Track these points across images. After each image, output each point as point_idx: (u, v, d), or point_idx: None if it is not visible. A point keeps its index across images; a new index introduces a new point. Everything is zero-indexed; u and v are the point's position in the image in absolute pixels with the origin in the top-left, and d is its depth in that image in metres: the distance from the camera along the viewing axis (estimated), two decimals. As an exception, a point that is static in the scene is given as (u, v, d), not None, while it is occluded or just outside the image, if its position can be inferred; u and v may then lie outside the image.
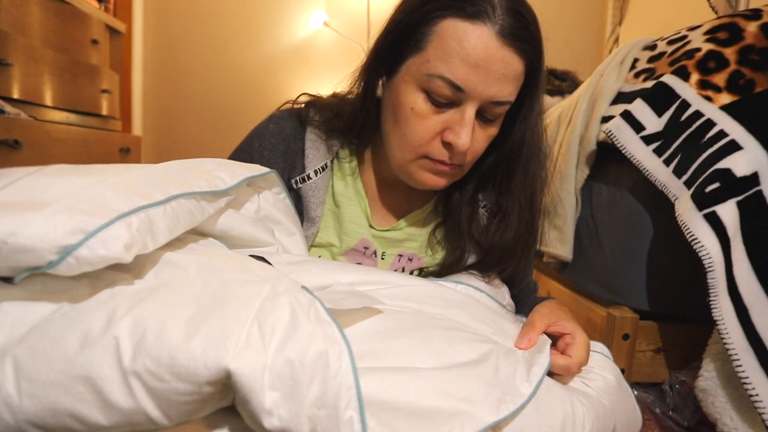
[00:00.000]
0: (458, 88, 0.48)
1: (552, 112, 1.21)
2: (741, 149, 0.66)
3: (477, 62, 0.47)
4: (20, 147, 1.21)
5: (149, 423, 0.28)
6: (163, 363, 0.27)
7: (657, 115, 0.79)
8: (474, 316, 0.49)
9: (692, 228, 0.65)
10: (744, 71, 0.72)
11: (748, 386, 0.57)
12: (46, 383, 0.26)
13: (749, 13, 0.77)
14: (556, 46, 2.19)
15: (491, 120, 0.52)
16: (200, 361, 0.27)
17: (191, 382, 0.27)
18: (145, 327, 0.28)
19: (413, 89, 0.50)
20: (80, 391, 0.26)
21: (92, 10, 1.70)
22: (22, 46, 1.30)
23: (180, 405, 0.28)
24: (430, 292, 0.50)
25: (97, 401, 0.27)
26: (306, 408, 0.28)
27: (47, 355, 0.27)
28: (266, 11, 2.51)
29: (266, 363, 0.28)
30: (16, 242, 0.26)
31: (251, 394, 0.28)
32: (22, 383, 0.26)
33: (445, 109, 0.50)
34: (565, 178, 0.97)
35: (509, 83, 0.49)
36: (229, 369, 0.27)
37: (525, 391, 0.40)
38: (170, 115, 2.57)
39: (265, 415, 0.28)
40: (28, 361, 0.26)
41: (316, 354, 0.30)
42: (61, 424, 0.26)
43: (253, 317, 0.30)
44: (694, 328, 0.82)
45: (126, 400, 0.27)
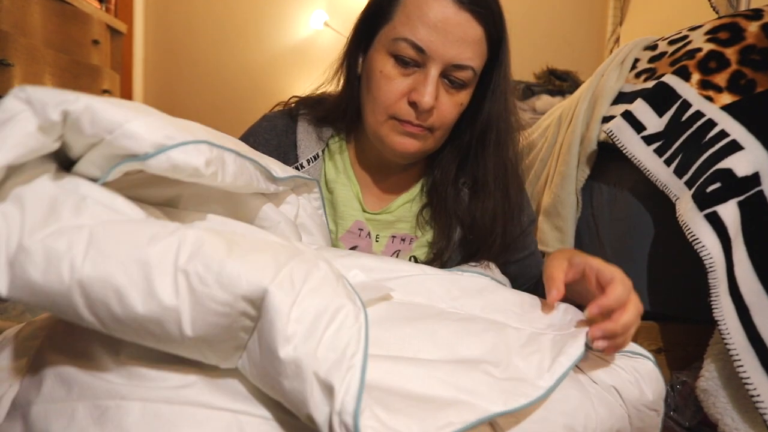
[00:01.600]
0: (420, 49, 0.53)
1: (553, 112, 1.21)
2: (742, 149, 0.66)
3: (436, 24, 0.52)
4: (21, 147, 1.21)
5: (175, 327, 0.30)
6: (211, 270, 0.30)
7: (658, 115, 0.79)
8: (491, 304, 0.47)
9: (693, 228, 0.65)
10: (745, 71, 0.72)
11: (750, 386, 0.57)
12: (109, 256, 0.29)
13: (750, 13, 0.77)
14: (556, 46, 2.21)
15: (458, 85, 0.56)
16: (243, 276, 0.30)
17: (230, 293, 0.30)
18: (204, 241, 0.32)
19: (383, 55, 0.56)
20: (133, 272, 0.29)
21: (93, 10, 1.70)
22: (24, 46, 1.30)
23: (210, 315, 0.30)
24: (442, 282, 0.48)
25: (143, 287, 0.29)
26: (319, 347, 0.31)
27: (118, 237, 0.30)
28: (267, 11, 2.51)
29: (297, 297, 0.32)
30: (125, 129, 0.31)
31: (277, 318, 0.30)
32: (90, 250, 0.29)
33: (410, 72, 0.55)
34: (566, 179, 0.97)
35: (468, 47, 0.53)
36: (267, 289, 0.31)
37: (543, 384, 0.37)
38: (171, 115, 2.57)
39: (284, 341, 0.30)
40: (101, 236, 0.29)
41: (339, 305, 0.33)
42: (103, 296, 0.29)
43: (293, 263, 0.34)
44: (695, 329, 0.82)
45: (167, 294, 0.29)
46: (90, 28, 1.69)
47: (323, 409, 0.29)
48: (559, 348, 0.41)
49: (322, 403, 0.29)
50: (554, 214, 1.00)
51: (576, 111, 0.99)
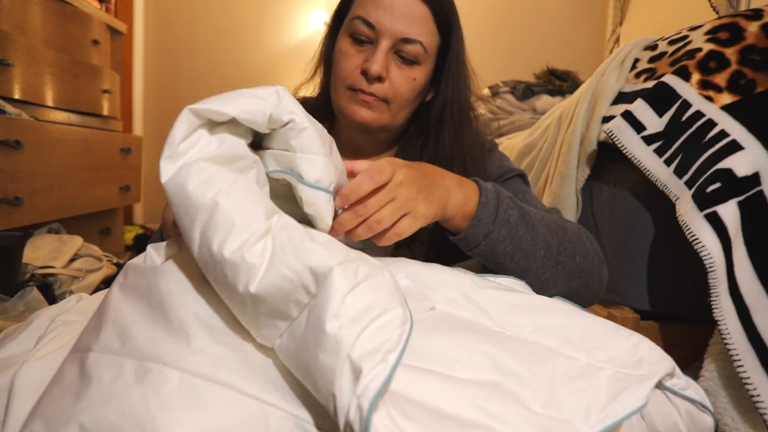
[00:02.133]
0: (371, 25, 0.60)
1: (553, 112, 1.21)
2: (742, 149, 0.66)
3: (383, 3, 0.60)
4: (21, 147, 1.21)
5: (245, 280, 0.34)
6: (293, 241, 0.36)
7: (658, 115, 0.79)
8: (544, 326, 0.43)
9: (693, 228, 0.65)
10: (745, 71, 0.72)
11: (750, 386, 0.57)
12: (238, 203, 0.37)
13: (750, 13, 0.76)
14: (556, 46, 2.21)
15: (408, 60, 0.62)
16: (317, 253, 0.35)
17: (302, 262, 0.35)
18: (295, 225, 0.38)
19: (343, 37, 0.64)
20: (245, 220, 0.36)
21: (93, 10, 1.70)
22: (24, 46, 1.30)
23: (277, 278, 0.34)
24: (492, 297, 0.45)
25: (243, 238, 0.35)
26: (362, 334, 0.33)
27: (246, 195, 0.39)
28: (267, 12, 2.51)
29: (356, 286, 0.34)
30: (310, 158, 0.42)
31: (334, 295, 0.33)
32: (230, 191, 0.38)
33: (365, 48, 0.62)
34: (566, 179, 0.97)
35: (414, 23, 0.60)
36: (333, 268, 0.34)
37: (583, 430, 0.34)
38: (171, 115, 2.55)
39: (333, 317, 0.32)
40: (241, 187, 0.39)
41: (390, 307, 0.35)
42: (218, 225, 0.36)
43: (361, 263, 0.37)
44: (695, 329, 0.82)
45: (255, 254, 0.35)
46: (90, 28, 1.69)
47: (347, 391, 0.30)
48: (617, 390, 0.36)
49: (347, 385, 0.30)
50: (554, 214, 1.00)
51: (576, 111, 0.99)
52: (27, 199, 1.23)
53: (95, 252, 1.38)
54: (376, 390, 0.29)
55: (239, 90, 0.42)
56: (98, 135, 1.64)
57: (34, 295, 1.02)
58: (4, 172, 1.16)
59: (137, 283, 0.41)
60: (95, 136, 1.61)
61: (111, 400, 0.32)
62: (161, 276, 0.40)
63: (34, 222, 1.29)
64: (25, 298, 1.01)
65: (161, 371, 0.33)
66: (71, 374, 0.36)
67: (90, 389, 0.33)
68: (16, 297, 1.00)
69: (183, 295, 0.38)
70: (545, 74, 1.94)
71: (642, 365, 0.40)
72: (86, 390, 0.33)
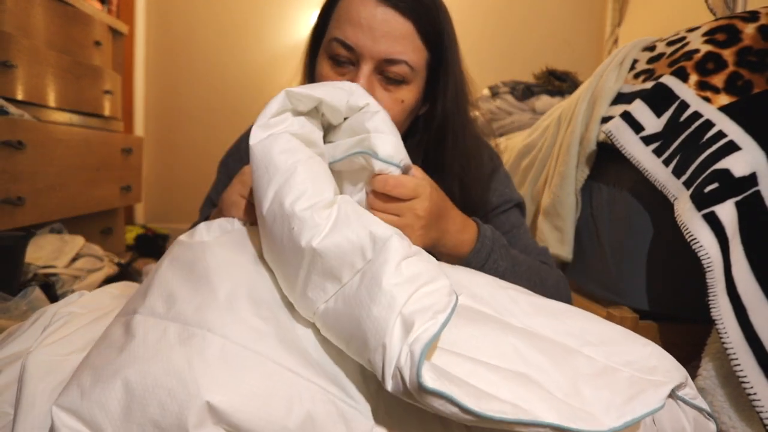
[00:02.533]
0: (349, 47, 0.56)
1: (552, 112, 1.21)
2: (739, 150, 0.66)
3: (360, 22, 0.55)
4: (24, 148, 1.21)
5: (309, 235, 0.38)
6: (357, 212, 0.40)
7: (656, 116, 0.80)
8: (566, 329, 0.44)
9: (691, 228, 0.66)
10: (742, 72, 0.72)
11: (746, 385, 0.57)
12: (313, 171, 0.44)
13: (747, 15, 0.77)
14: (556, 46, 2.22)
15: (395, 82, 0.57)
16: (378, 223, 0.39)
17: (364, 227, 0.38)
18: (357, 205, 0.43)
19: (323, 59, 0.60)
20: (318, 187, 0.41)
21: (95, 11, 1.71)
22: (26, 47, 1.30)
23: (339, 237, 0.38)
24: (515, 297, 0.47)
25: (317, 199, 0.40)
26: (415, 293, 0.35)
27: (319, 169, 0.44)
28: (267, 12, 2.51)
29: (411, 257, 0.37)
30: (382, 137, 0.47)
31: (392, 258, 0.36)
32: (307, 161, 0.43)
33: (346, 70, 0.58)
34: (565, 179, 0.97)
35: (397, 41, 0.55)
36: (392, 236, 0.37)
37: (608, 422, 0.34)
38: (172, 116, 2.58)
39: (390, 275, 0.35)
40: (315, 163, 0.44)
41: (440, 276, 0.38)
42: (295, 185, 0.40)
43: (413, 254, 0.39)
44: (693, 328, 0.82)
45: (344, 217, 0.39)
46: (92, 30, 1.69)
47: (398, 340, 0.32)
48: (636, 390, 0.37)
49: (399, 334, 0.32)
50: (553, 214, 1.00)
51: (575, 111, 1.00)
52: (29, 199, 1.24)
53: (97, 252, 1.38)
54: (428, 339, 0.31)
55: (321, 82, 0.49)
56: (100, 135, 1.64)
57: (36, 295, 1.02)
58: (6, 172, 1.17)
59: (184, 256, 0.43)
60: (97, 136, 1.62)
61: (156, 357, 0.34)
62: (209, 251, 0.42)
63: (36, 222, 1.29)
64: (28, 297, 1.01)
65: (204, 336, 0.35)
66: (117, 333, 0.38)
67: (135, 345, 0.35)
68: (18, 296, 1.01)
69: (229, 269, 0.41)
70: (544, 75, 1.94)
71: (657, 372, 0.41)
72: (131, 345, 0.35)
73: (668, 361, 0.43)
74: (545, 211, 1.03)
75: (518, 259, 0.61)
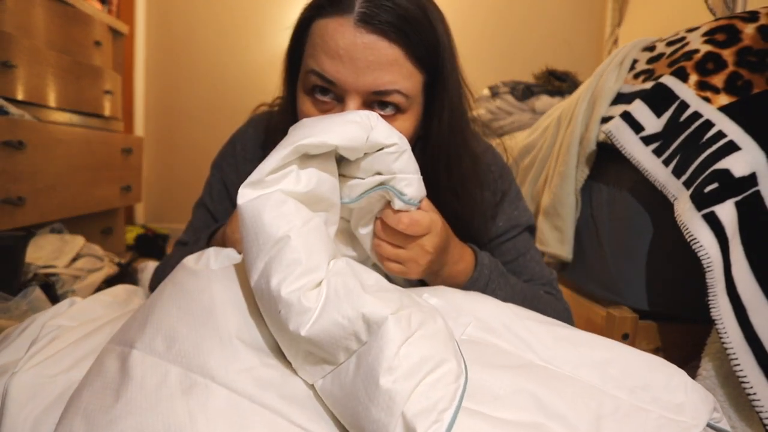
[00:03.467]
0: (329, 81, 0.48)
1: (552, 112, 1.21)
2: (739, 150, 0.66)
3: (339, 53, 0.47)
4: (24, 148, 1.21)
5: (296, 322, 0.35)
6: (347, 287, 0.36)
7: (656, 116, 0.80)
8: (587, 362, 0.41)
9: (691, 228, 0.66)
10: (742, 72, 0.72)
11: (746, 385, 0.57)
12: (309, 241, 0.39)
13: (746, 15, 0.77)
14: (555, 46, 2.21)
15: (390, 112, 0.50)
16: (370, 301, 0.35)
17: (355, 309, 0.35)
18: (350, 269, 0.39)
19: (302, 95, 0.52)
20: (307, 262, 0.37)
21: (95, 11, 1.71)
22: (26, 47, 1.31)
23: (329, 323, 0.35)
24: (535, 328, 0.44)
25: (302, 281, 0.36)
26: (416, 389, 0.32)
27: (317, 237, 0.40)
28: (267, 12, 2.52)
29: (410, 337, 0.34)
30: (408, 177, 0.45)
31: (387, 347, 0.33)
32: (302, 229, 0.39)
33: (330, 107, 0.50)
34: (565, 179, 0.97)
35: (384, 70, 0.47)
36: (387, 317, 0.34)
37: None
38: (172, 116, 2.58)
39: (387, 371, 0.32)
40: (312, 228, 0.41)
41: (445, 359, 0.34)
42: (285, 256, 0.37)
43: (414, 310, 0.37)
44: (693, 328, 0.82)
45: (311, 299, 0.36)
46: (92, 30, 1.69)
47: None
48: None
49: None
50: (553, 214, 1.00)
51: (575, 111, 1.00)
52: (29, 199, 1.24)
53: (97, 252, 1.38)
54: None
55: (329, 116, 0.42)
56: (100, 135, 1.64)
57: (36, 295, 1.03)
58: (6, 172, 1.17)
59: (188, 284, 0.40)
60: (97, 136, 1.62)
61: (156, 409, 0.31)
62: (216, 282, 0.39)
63: (36, 222, 1.29)
64: (28, 297, 1.01)
65: (208, 386, 0.33)
66: (112, 369, 0.35)
67: (132, 390, 0.33)
68: (18, 296, 1.01)
69: (234, 306, 0.38)
70: (544, 75, 1.94)
71: (684, 411, 0.39)
72: (128, 390, 0.33)
73: (695, 395, 0.40)
74: (545, 211, 1.03)
75: (517, 288, 0.58)
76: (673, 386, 0.40)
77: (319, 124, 0.40)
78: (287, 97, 0.59)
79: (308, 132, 0.39)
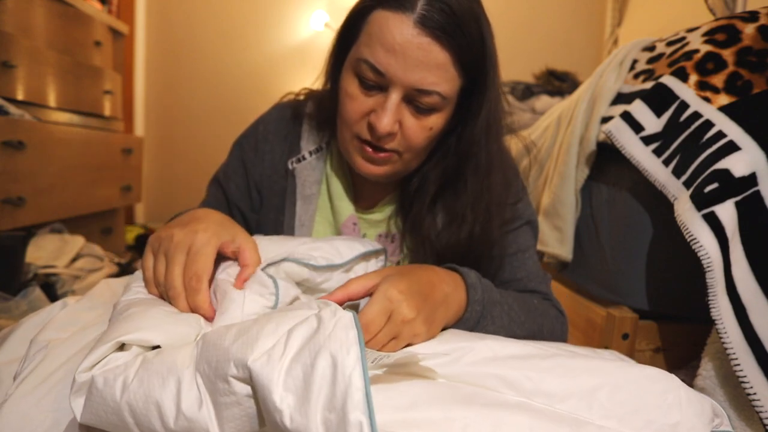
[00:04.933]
0: (378, 72, 0.51)
1: (552, 112, 1.21)
2: (739, 150, 0.66)
3: (394, 47, 0.50)
4: (24, 148, 1.21)
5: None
6: (212, 364, 0.32)
7: (656, 116, 0.80)
8: (575, 392, 0.38)
9: (691, 228, 0.66)
10: (742, 72, 0.72)
11: (746, 385, 0.57)
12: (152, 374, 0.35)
13: (747, 15, 0.77)
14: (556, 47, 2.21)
15: (425, 111, 0.53)
16: (232, 358, 0.32)
17: (224, 380, 0.31)
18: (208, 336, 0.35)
19: (349, 75, 0.55)
20: (170, 385, 0.33)
21: (95, 12, 1.71)
22: (26, 48, 1.31)
23: (225, 409, 0.32)
24: (518, 365, 0.40)
25: (175, 403, 0.32)
26: (318, 411, 0.29)
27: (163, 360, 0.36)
28: (267, 12, 2.52)
29: (282, 365, 0.31)
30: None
31: (266, 392, 0.30)
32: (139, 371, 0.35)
33: (373, 93, 0.54)
34: (565, 179, 0.97)
35: (431, 72, 0.50)
36: (249, 366, 0.31)
37: None
38: (172, 116, 2.58)
39: (278, 413, 0.30)
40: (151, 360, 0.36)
41: (328, 356, 0.31)
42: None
43: (285, 331, 0.34)
44: (693, 328, 0.82)
45: (192, 407, 0.32)
46: (92, 30, 1.69)
47: None
48: None
49: None
50: (553, 214, 1.01)
51: (575, 111, 1.00)
52: (29, 199, 1.24)
53: (97, 252, 1.38)
54: None
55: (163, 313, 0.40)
56: (100, 135, 1.64)
57: (36, 295, 1.03)
58: (6, 172, 1.17)
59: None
60: (97, 136, 1.62)
61: None
62: None
63: (36, 222, 1.29)
64: (28, 297, 1.01)
65: None
66: None
67: None
68: (18, 296, 1.01)
69: None
70: (544, 75, 1.94)
71: (680, 430, 0.37)
72: None
73: (691, 410, 0.38)
74: (545, 210, 1.03)
75: (513, 313, 0.56)
76: (668, 405, 0.38)
77: (148, 320, 0.38)
78: (331, 75, 0.61)
79: (132, 326, 0.36)
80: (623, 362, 0.43)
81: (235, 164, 0.69)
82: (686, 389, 0.40)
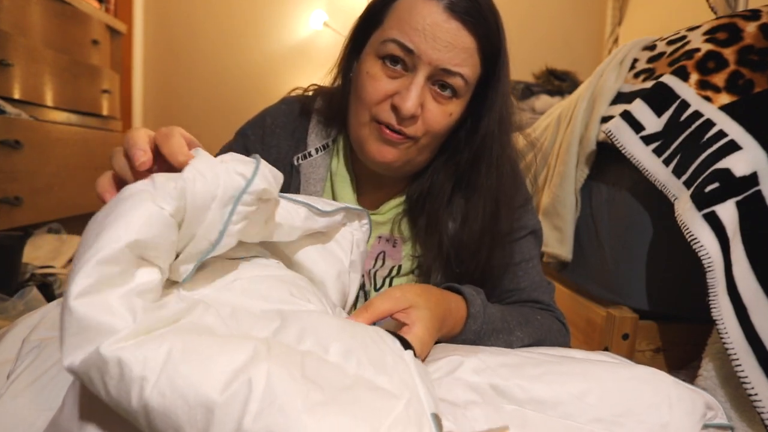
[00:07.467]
0: (408, 49, 0.52)
1: (552, 111, 1.21)
2: (740, 149, 0.66)
3: (424, 28, 0.52)
4: (21, 147, 1.21)
5: None
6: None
7: (656, 115, 0.79)
8: (562, 399, 0.38)
9: (692, 228, 0.65)
10: (743, 71, 0.72)
11: (747, 385, 0.57)
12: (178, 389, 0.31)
13: (748, 14, 0.77)
14: (556, 46, 2.21)
15: (447, 94, 0.55)
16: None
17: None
18: (275, 388, 0.28)
19: (371, 58, 0.55)
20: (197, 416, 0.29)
21: (93, 10, 1.70)
22: (23, 46, 1.30)
23: None
24: (503, 374, 0.40)
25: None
26: None
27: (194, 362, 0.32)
28: (267, 12, 2.51)
29: None
30: None
31: None
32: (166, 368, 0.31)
33: (397, 75, 0.54)
34: (565, 178, 0.97)
35: (458, 54, 0.53)
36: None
37: None
38: (170, 115, 2.57)
39: None
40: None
41: None
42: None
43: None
44: (693, 328, 0.82)
45: None
46: (90, 28, 1.69)
47: None
48: None
49: None
50: (553, 213, 1.00)
51: (575, 111, 1.00)
52: (27, 199, 1.23)
53: (95, 252, 1.38)
54: None
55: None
56: (98, 135, 1.64)
57: (34, 295, 1.02)
58: (3, 172, 1.16)
59: None
60: (95, 136, 1.61)
61: None
62: None
63: (33, 222, 1.29)
64: (25, 297, 1.01)
65: None
66: None
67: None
68: (16, 296, 1.01)
69: None
70: (544, 74, 1.94)
71: (669, 430, 0.37)
72: None
73: (681, 408, 0.38)
74: (545, 210, 1.02)
75: (516, 336, 0.58)
76: (657, 403, 0.38)
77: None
78: (343, 68, 0.62)
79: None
80: (614, 364, 0.43)
81: (238, 152, 0.67)
82: (677, 388, 0.40)
